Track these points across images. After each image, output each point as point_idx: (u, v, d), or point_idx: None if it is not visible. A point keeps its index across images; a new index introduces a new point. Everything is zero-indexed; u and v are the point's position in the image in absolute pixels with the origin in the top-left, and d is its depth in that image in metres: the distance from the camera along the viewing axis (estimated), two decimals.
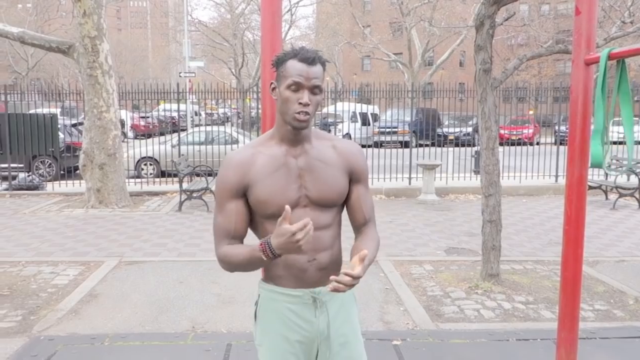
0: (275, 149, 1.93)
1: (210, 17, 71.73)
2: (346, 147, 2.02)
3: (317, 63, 1.86)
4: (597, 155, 2.24)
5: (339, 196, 1.98)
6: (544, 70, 35.71)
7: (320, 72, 1.87)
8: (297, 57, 1.84)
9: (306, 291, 1.95)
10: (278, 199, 1.88)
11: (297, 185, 1.92)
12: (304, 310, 1.97)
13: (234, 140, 14.05)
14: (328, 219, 1.97)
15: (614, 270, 6.22)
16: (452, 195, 11.35)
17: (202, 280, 5.78)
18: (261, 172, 1.90)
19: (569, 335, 2.57)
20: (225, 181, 1.93)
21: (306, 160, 1.94)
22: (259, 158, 1.92)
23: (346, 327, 2.03)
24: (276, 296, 1.98)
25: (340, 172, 1.97)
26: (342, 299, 2.04)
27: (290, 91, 1.84)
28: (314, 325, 1.97)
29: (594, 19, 2.36)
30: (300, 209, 1.92)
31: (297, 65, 1.84)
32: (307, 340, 1.98)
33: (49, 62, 41.16)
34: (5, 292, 5.39)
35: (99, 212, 9.47)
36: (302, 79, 1.83)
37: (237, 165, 1.92)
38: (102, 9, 9.62)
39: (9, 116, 10.94)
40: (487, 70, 5.43)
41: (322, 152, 1.96)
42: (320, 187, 1.93)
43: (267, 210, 1.90)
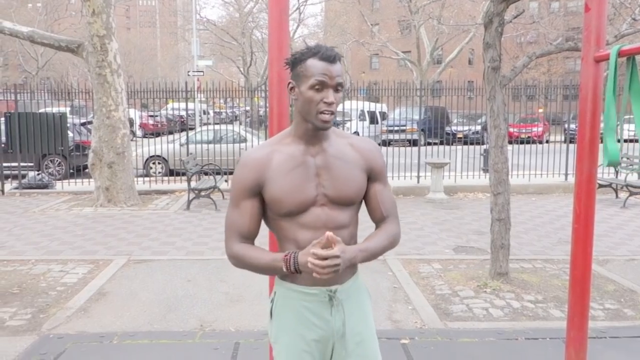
0: (293, 148, 1.93)
1: (218, 16, 71.87)
2: (364, 144, 2.02)
3: (337, 61, 1.85)
4: (614, 153, 2.20)
5: (357, 194, 1.97)
6: (554, 68, 35.51)
7: (341, 69, 1.86)
8: (318, 55, 1.83)
9: (322, 289, 1.94)
10: (294, 197, 1.88)
11: (315, 184, 1.91)
12: (320, 309, 1.96)
13: (243, 139, 14.07)
14: (346, 218, 1.96)
15: (624, 269, 6.17)
16: (461, 194, 11.31)
17: (211, 279, 5.79)
18: (278, 170, 1.89)
19: (578, 334, 2.55)
20: (241, 179, 1.92)
21: (324, 159, 1.93)
22: (275, 156, 1.91)
23: (361, 326, 2.02)
24: (292, 294, 1.97)
25: (358, 169, 1.97)
26: (358, 297, 2.04)
27: (313, 91, 1.82)
28: (329, 324, 1.96)
29: (604, 16, 2.34)
30: (318, 207, 1.91)
31: (319, 65, 1.82)
32: (323, 338, 1.97)
33: (58, 61, 41.42)
34: (15, 291, 5.43)
35: (108, 211, 9.52)
36: (326, 78, 1.81)
37: (253, 164, 1.91)
38: (111, 8, 9.66)
39: (19, 115, 11.01)
40: (496, 68, 5.40)
41: (340, 150, 1.95)
42: (338, 186, 1.92)
43: (282, 208, 1.90)
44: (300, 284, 1.95)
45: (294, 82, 1.89)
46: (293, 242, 1.92)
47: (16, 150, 11.19)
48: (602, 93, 2.38)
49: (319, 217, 1.90)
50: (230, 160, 13.46)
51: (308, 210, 1.90)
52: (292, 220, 1.91)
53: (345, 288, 1.98)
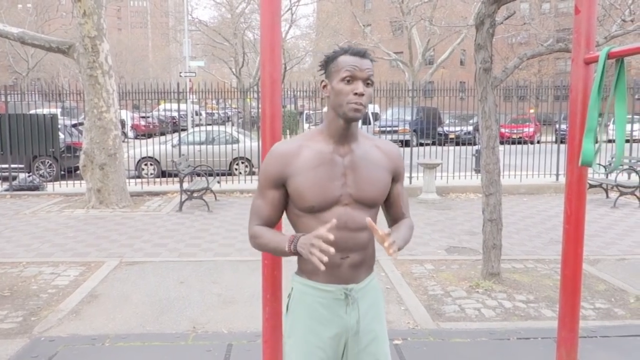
0: (323, 145, 1.97)
1: (210, 17, 71.70)
2: (389, 147, 2.09)
3: (368, 57, 1.91)
4: (589, 154, 2.24)
5: (382, 195, 2.02)
6: (545, 69, 35.68)
7: (371, 65, 1.91)
8: (349, 52, 1.91)
9: (339, 287, 1.98)
10: (318, 193, 1.91)
11: (341, 183, 1.95)
12: (335, 306, 1.99)
13: (235, 140, 14.05)
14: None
15: (614, 268, 6.21)
16: (453, 194, 11.35)
17: (203, 281, 5.78)
18: (304, 165, 1.93)
19: (570, 334, 2.57)
20: (266, 170, 1.98)
21: (352, 159, 1.97)
22: (304, 151, 1.95)
23: (375, 324, 2.07)
24: (309, 290, 2.01)
25: (384, 171, 2.02)
26: (373, 296, 2.08)
27: (344, 83, 1.88)
28: (343, 321, 2.00)
29: (594, 18, 2.35)
30: (341, 206, 1.95)
31: (349, 59, 1.89)
32: (336, 335, 2.00)
33: (49, 63, 41.20)
34: (5, 293, 5.39)
35: (100, 213, 9.48)
36: (356, 69, 1.87)
37: (279, 156, 1.95)
38: (102, 9, 9.62)
39: (9, 116, 10.95)
40: (487, 69, 5.43)
41: (367, 152, 2.00)
42: (364, 186, 1.96)
43: (305, 203, 1.93)
44: (317, 280, 1.99)
45: (327, 80, 1.96)
46: None
47: (6, 151, 11.12)
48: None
49: (341, 216, 1.93)
50: (223, 161, 13.45)
51: (331, 208, 1.94)
52: (313, 217, 1.94)
53: (361, 287, 2.03)
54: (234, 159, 13.94)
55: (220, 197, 10.99)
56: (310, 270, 2.00)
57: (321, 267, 1.73)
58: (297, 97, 14.21)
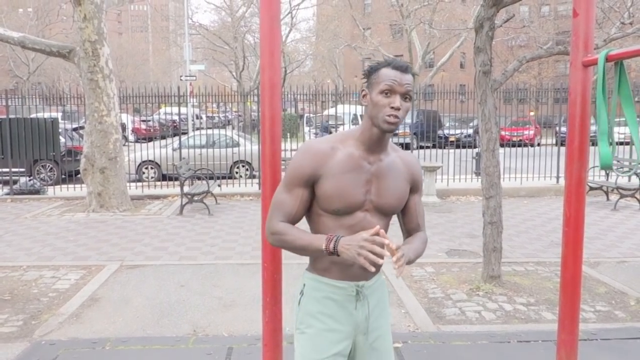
0: (353, 150, 2.01)
1: (210, 21, 71.85)
2: (410, 158, 2.16)
3: (409, 72, 1.96)
4: (607, 157, 2.22)
5: (400, 204, 2.10)
6: (544, 72, 35.70)
7: (411, 81, 1.97)
8: (391, 65, 1.95)
9: (351, 284, 2.06)
10: (346, 197, 1.97)
11: (365, 190, 2.01)
12: (346, 302, 2.07)
13: (235, 144, 14.07)
14: (383, 225, 2.09)
15: (615, 271, 6.21)
16: (453, 197, 11.35)
17: (204, 284, 5.78)
18: (336, 168, 1.98)
19: (569, 336, 2.57)
20: (299, 166, 1.99)
21: (378, 168, 2.03)
22: (337, 153, 2.00)
23: (381, 321, 2.16)
24: (322, 286, 2.08)
25: (405, 182, 2.10)
26: (380, 294, 2.17)
27: (382, 96, 1.93)
28: (353, 317, 2.08)
29: (592, 21, 2.36)
30: (362, 212, 2.03)
31: (390, 72, 1.93)
32: (346, 330, 2.08)
33: (50, 67, 41.24)
34: (6, 297, 5.40)
35: (100, 216, 9.48)
36: (395, 84, 1.92)
37: (315, 155, 1.98)
38: (102, 13, 9.65)
39: (10, 120, 10.97)
40: (486, 72, 5.44)
41: (393, 162, 2.07)
42: (386, 195, 2.04)
43: (331, 205, 1.99)
44: (330, 277, 2.06)
45: (367, 90, 2.01)
46: None
47: (7, 155, 11.14)
48: (590, 97, 2.40)
49: (360, 221, 2.01)
50: (223, 164, 13.47)
51: (353, 213, 2.01)
52: (335, 219, 2.01)
53: (370, 284, 2.11)
54: (235, 162, 13.95)
55: (221, 201, 10.99)
56: (324, 268, 2.07)
57: (372, 269, 1.78)
58: (297, 101, 14.22)
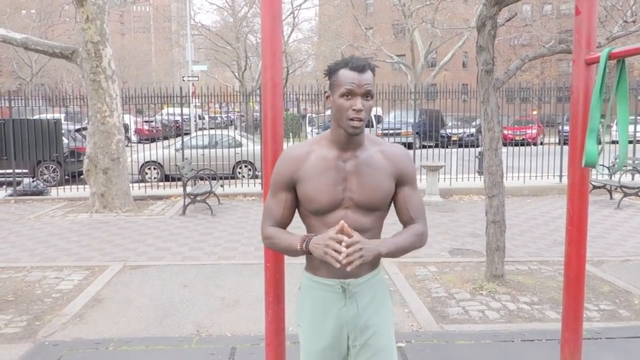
0: (327, 151, 2.07)
1: (213, 21, 71.91)
2: (393, 151, 2.13)
3: (367, 70, 1.98)
4: (592, 155, 2.23)
5: (382, 200, 2.08)
6: (547, 70, 35.65)
7: (370, 78, 1.98)
8: (348, 66, 1.97)
9: (336, 281, 2.10)
10: (322, 198, 2.03)
11: (342, 188, 2.05)
12: (335, 299, 2.12)
13: (238, 144, 14.07)
14: (368, 222, 2.08)
15: (619, 270, 6.19)
16: (456, 196, 11.34)
17: (207, 284, 5.78)
18: (311, 170, 2.05)
19: (573, 335, 2.56)
20: (279, 172, 2.10)
21: (354, 165, 2.06)
22: (311, 156, 2.07)
23: (376, 319, 2.15)
24: (314, 284, 2.15)
25: (386, 176, 2.08)
26: (376, 292, 2.17)
27: (344, 99, 1.96)
28: (342, 314, 2.12)
29: (594, 19, 2.35)
30: (343, 210, 2.06)
31: (348, 74, 1.96)
32: (336, 326, 2.12)
33: (52, 68, 41.31)
34: (10, 298, 5.41)
35: (103, 217, 9.50)
36: (354, 86, 1.95)
37: (291, 160, 2.08)
38: (104, 14, 9.66)
39: (13, 122, 10.99)
40: (489, 71, 5.43)
41: (371, 157, 2.07)
42: (365, 191, 2.04)
43: (311, 206, 2.06)
44: (319, 275, 2.13)
45: (329, 92, 2.04)
46: None
47: (11, 157, 11.17)
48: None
49: (342, 219, 2.03)
50: (226, 165, 13.47)
51: (334, 211, 2.05)
52: (318, 219, 2.07)
53: (361, 282, 2.12)
54: (237, 162, 13.95)
55: (224, 201, 11.00)
56: (315, 266, 2.13)
57: (336, 265, 1.85)
58: (299, 101, 14.21)
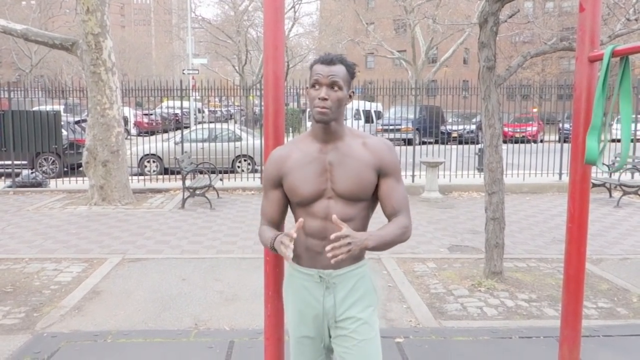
0: (310, 146, 2.18)
1: (213, 14, 71.76)
2: (375, 143, 2.18)
3: (336, 63, 2.09)
4: (592, 152, 2.23)
5: (363, 190, 2.13)
6: (548, 68, 35.62)
7: (339, 71, 2.09)
8: (319, 61, 2.11)
9: (315, 271, 2.17)
10: (305, 188, 2.13)
11: (325, 179, 2.14)
12: (315, 289, 2.19)
13: (238, 138, 14.06)
14: (351, 212, 2.14)
15: (617, 268, 6.20)
16: (456, 193, 11.34)
17: (205, 278, 5.78)
18: (294, 165, 2.16)
19: (572, 332, 2.56)
20: (267, 172, 2.24)
21: (335, 156, 2.14)
22: (294, 153, 2.18)
23: (354, 310, 2.18)
24: (295, 273, 2.24)
25: (367, 168, 2.14)
26: (354, 284, 2.20)
27: (313, 90, 2.10)
28: (320, 304, 2.18)
29: (598, 16, 2.34)
30: (325, 199, 2.14)
31: (318, 67, 2.10)
32: (316, 316, 2.20)
33: (52, 59, 41.23)
34: (8, 289, 5.40)
35: (102, 209, 9.49)
36: (320, 77, 2.07)
37: (276, 159, 2.21)
38: (105, 6, 9.62)
39: (12, 113, 10.97)
40: (490, 68, 5.42)
41: (352, 149, 2.15)
42: (345, 181, 2.11)
43: (296, 197, 2.16)
44: (301, 265, 2.21)
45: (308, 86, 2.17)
46: (303, 228, 2.17)
47: (10, 148, 11.15)
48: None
49: (325, 209, 2.13)
50: (225, 159, 13.46)
51: (317, 201, 2.14)
52: (303, 209, 2.16)
53: (340, 273, 2.17)
54: (237, 156, 13.94)
55: (223, 195, 11.00)
56: (298, 255, 2.21)
57: (288, 260, 1.97)
58: (299, 95, 14.20)
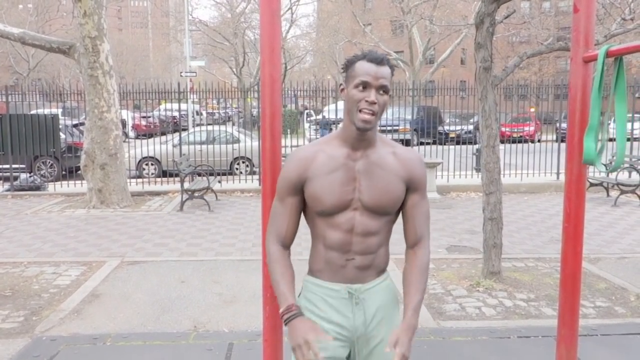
0: (337, 150, 1.97)
1: (211, 17, 71.67)
2: (407, 154, 2.02)
3: (385, 64, 1.89)
4: (590, 152, 2.23)
5: (393, 204, 1.98)
6: (545, 68, 35.66)
7: (387, 73, 1.89)
8: (366, 58, 1.89)
9: (343, 286, 1.99)
10: (330, 197, 1.93)
11: (352, 188, 1.94)
12: (341, 305, 1.99)
13: (235, 140, 14.06)
14: (377, 226, 1.98)
15: (615, 267, 6.21)
16: (454, 193, 11.35)
17: (204, 280, 5.78)
18: (320, 169, 1.95)
19: (569, 332, 2.57)
20: (287, 175, 1.99)
21: (365, 165, 1.95)
22: (320, 156, 1.97)
23: (383, 328, 2.02)
24: (316, 289, 2.03)
25: (397, 179, 1.97)
26: (382, 298, 2.05)
27: (357, 90, 1.87)
28: (349, 322, 1.99)
29: (592, 17, 2.35)
30: (351, 211, 1.95)
31: (365, 66, 1.88)
32: (342, 335, 1.99)
33: (50, 63, 41.18)
34: (7, 293, 5.40)
35: (101, 213, 9.49)
36: (370, 77, 1.86)
37: (299, 161, 1.97)
38: (102, 9, 9.63)
39: (10, 117, 10.96)
40: (487, 68, 5.43)
41: (382, 158, 1.97)
42: (375, 193, 1.94)
43: (318, 206, 1.95)
44: (323, 278, 2.02)
45: (344, 84, 1.95)
46: (322, 239, 1.99)
47: (8, 152, 11.14)
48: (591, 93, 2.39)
49: (350, 221, 1.95)
50: (224, 161, 13.46)
51: (342, 212, 1.95)
52: (325, 219, 1.97)
53: (368, 287, 2.01)
54: (235, 158, 13.95)
55: (221, 197, 11.00)
56: (318, 269, 2.03)
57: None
58: (297, 97, 14.21)
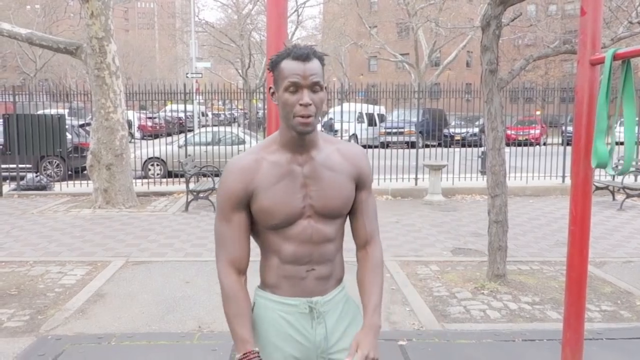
0: (279, 155, 1.80)
1: (217, 18, 71.91)
2: (352, 150, 1.90)
3: (312, 58, 1.71)
4: (602, 155, 2.22)
5: (345, 205, 1.86)
6: (551, 71, 35.59)
7: (317, 68, 1.71)
8: (291, 55, 1.70)
9: (302, 300, 1.85)
10: (282, 209, 1.77)
11: (302, 195, 1.80)
12: (300, 321, 1.85)
13: (241, 141, 14.09)
14: (332, 232, 1.86)
15: (621, 271, 6.19)
16: (459, 196, 11.33)
17: (209, 280, 5.79)
18: (266, 179, 1.77)
19: (575, 335, 2.57)
20: (229, 189, 1.79)
21: (312, 168, 1.81)
22: (263, 164, 1.79)
23: (346, 340, 1.89)
24: (272, 305, 1.87)
25: (347, 179, 1.86)
26: (344, 310, 1.93)
27: (289, 93, 1.70)
28: (310, 338, 1.86)
29: (599, 20, 2.36)
30: (304, 219, 1.81)
31: (291, 65, 1.69)
32: (303, 354, 1.86)
33: (57, 63, 41.36)
34: (13, 292, 5.43)
35: (106, 213, 9.52)
36: (298, 77, 1.68)
37: (242, 172, 1.78)
38: (109, 10, 9.67)
39: (17, 117, 11.01)
40: (493, 71, 5.43)
41: (329, 158, 1.84)
42: (327, 197, 1.81)
43: (270, 221, 1.79)
44: (279, 294, 1.86)
45: (274, 87, 1.78)
46: (276, 254, 1.84)
47: (14, 151, 11.19)
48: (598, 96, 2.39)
49: (305, 230, 1.81)
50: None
51: (295, 222, 1.80)
52: (277, 233, 1.81)
53: (327, 299, 1.88)
54: None
55: None
56: (273, 284, 1.86)
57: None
58: None
